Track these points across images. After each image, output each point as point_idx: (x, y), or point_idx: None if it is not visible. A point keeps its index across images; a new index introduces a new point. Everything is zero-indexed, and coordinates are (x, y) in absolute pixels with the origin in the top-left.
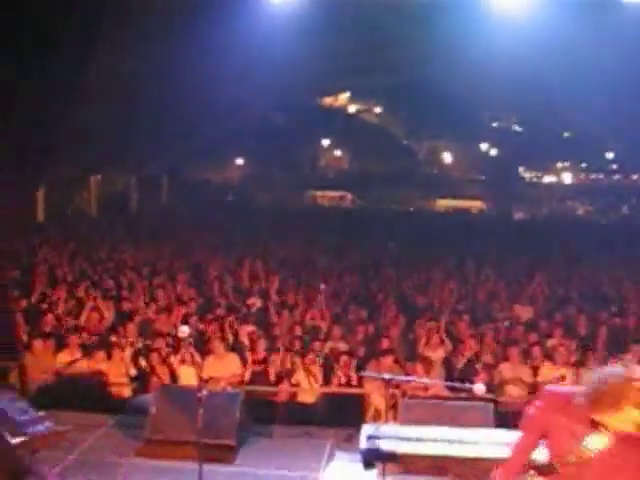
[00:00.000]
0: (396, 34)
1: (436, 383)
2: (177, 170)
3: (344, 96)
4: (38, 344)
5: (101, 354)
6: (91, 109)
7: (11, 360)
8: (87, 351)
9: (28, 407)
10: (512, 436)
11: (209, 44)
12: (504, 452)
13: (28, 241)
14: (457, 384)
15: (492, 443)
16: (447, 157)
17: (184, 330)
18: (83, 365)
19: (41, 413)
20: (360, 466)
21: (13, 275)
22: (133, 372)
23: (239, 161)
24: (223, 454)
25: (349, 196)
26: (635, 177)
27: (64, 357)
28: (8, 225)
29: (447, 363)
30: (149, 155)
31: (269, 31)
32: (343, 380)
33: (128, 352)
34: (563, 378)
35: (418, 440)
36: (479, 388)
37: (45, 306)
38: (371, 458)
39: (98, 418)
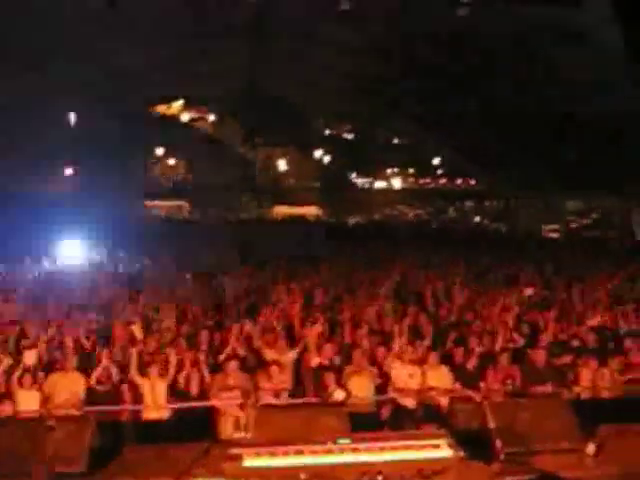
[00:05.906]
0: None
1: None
2: None
3: (177, 104)
4: None
5: None
6: None
7: None
8: None
9: None
10: (365, 440)
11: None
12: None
13: None
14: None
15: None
16: (282, 164)
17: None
18: None
19: None
20: None
21: None
22: None
23: (68, 172)
24: None
25: (186, 206)
26: (459, 181)
27: None
28: None
29: (297, 367)
30: None
31: (99, 37)
32: (195, 393)
33: None
34: (411, 376)
35: (275, 453)
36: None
37: None
38: (232, 474)
39: None
